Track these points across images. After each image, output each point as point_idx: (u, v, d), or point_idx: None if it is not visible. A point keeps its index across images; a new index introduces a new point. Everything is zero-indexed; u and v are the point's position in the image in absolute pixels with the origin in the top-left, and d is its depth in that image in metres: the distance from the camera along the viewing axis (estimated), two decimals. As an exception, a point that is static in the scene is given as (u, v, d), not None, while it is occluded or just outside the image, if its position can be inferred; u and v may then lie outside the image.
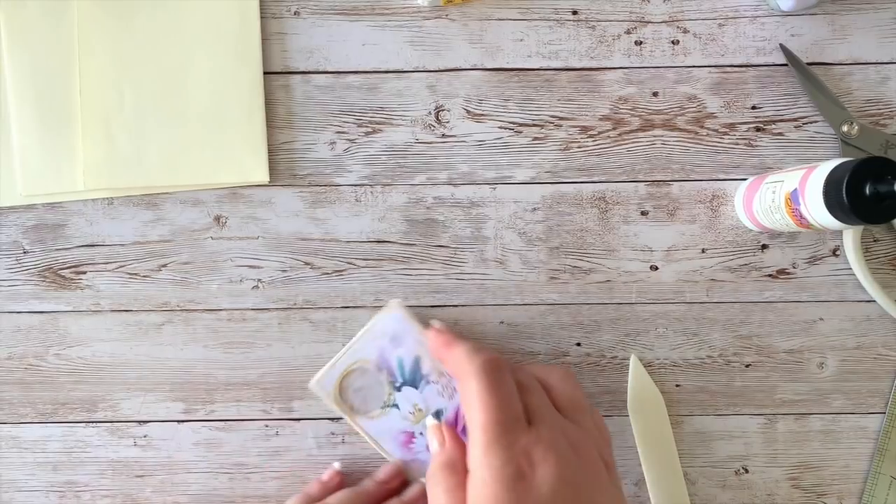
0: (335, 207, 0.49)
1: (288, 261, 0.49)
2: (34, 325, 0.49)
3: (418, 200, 0.49)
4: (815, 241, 0.50)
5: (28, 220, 0.49)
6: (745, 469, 0.50)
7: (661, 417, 0.49)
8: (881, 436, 0.50)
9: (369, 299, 0.49)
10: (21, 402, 0.49)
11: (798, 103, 0.50)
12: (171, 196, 0.49)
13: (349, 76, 0.49)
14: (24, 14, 0.48)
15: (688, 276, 0.50)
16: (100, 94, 0.48)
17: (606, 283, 0.50)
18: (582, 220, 0.50)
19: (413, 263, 0.49)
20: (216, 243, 0.49)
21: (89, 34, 0.48)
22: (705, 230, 0.50)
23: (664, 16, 0.49)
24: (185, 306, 0.49)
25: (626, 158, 0.50)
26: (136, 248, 0.49)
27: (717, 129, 0.50)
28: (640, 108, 0.50)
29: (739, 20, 0.50)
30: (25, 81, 0.48)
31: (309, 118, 0.49)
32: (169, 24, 0.48)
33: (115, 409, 0.49)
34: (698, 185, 0.50)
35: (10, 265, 0.49)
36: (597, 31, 0.49)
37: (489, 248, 0.49)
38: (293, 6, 0.49)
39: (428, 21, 0.49)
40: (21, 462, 0.49)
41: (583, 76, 0.49)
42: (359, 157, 0.49)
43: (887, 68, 0.50)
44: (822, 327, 0.50)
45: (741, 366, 0.50)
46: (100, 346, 0.49)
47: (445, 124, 0.49)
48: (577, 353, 0.50)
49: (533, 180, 0.49)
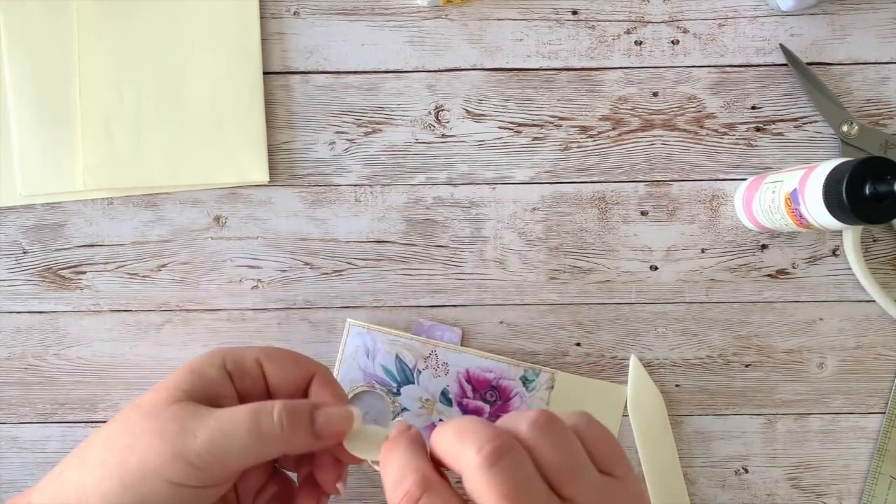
0: (335, 207, 0.49)
1: (287, 261, 0.49)
2: (34, 325, 0.49)
3: (418, 200, 0.49)
4: (814, 241, 0.50)
5: (28, 220, 0.49)
6: (744, 469, 0.50)
7: (661, 417, 0.49)
8: (881, 436, 0.50)
9: (369, 299, 0.49)
10: (21, 402, 0.49)
11: (798, 103, 0.50)
12: (171, 196, 0.49)
13: (349, 76, 0.49)
14: (24, 14, 0.48)
15: (687, 276, 0.50)
16: (100, 93, 0.48)
17: (606, 283, 0.50)
18: (582, 220, 0.50)
19: (413, 263, 0.49)
20: (216, 243, 0.49)
21: (89, 34, 0.48)
22: (705, 230, 0.50)
23: (664, 16, 0.49)
24: (185, 306, 0.49)
25: (626, 158, 0.50)
26: (135, 248, 0.49)
27: (716, 129, 0.50)
28: (639, 108, 0.50)
29: (739, 20, 0.50)
30: (25, 81, 0.48)
31: (309, 118, 0.49)
32: (169, 24, 0.48)
33: (115, 409, 0.49)
34: (698, 185, 0.50)
35: (9, 265, 0.49)
36: (597, 31, 0.49)
37: (489, 248, 0.49)
38: (293, 6, 0.49)
39: (427, 21, 0.49)
40: (21, 462, 0.49)
41: (582, 76, 0.49)
42: (358, 157, 0.49)
43: (887, 68, 0.50)
44: (822, 327, 0.50)
45: (741, 366, 0.50)
46: (100, 346, 0.49)
47: (445, 124, 0.49)
48: (576, 353, 0.50)
49: (532, 180, 0.49)
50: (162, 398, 0.36)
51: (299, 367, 0.40)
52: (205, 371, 0.38)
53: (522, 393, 0.49)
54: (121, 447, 0.35)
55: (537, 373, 0.49)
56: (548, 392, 0.49)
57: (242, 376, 0.38)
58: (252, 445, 0.35)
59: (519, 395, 0.49)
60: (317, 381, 0.40)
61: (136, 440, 0.35)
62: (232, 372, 0.38)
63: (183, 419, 0.35)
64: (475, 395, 0.49)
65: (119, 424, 0.36)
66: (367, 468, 0.49)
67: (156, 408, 0.36)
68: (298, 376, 0.40)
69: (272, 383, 0.39)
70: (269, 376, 0.39)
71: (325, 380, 0.40)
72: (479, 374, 0.49)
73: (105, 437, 0.36)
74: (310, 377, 0.40)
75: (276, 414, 0.35)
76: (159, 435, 0.35)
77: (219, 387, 0.38)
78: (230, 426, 0.35)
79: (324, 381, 0.40)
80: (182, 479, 0.34)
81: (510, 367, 0.49)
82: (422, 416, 0.49)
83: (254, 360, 0.39)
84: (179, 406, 0.36)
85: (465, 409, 0.49)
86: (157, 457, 0.34)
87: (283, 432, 0.35)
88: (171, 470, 0.34)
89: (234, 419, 0.35)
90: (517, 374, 0.49)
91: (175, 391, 0.37)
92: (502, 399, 0.49)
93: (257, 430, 0.35)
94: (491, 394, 0.49)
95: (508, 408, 0.49)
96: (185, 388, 0.37)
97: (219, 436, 0.34)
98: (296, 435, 0.36)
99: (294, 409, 0.36)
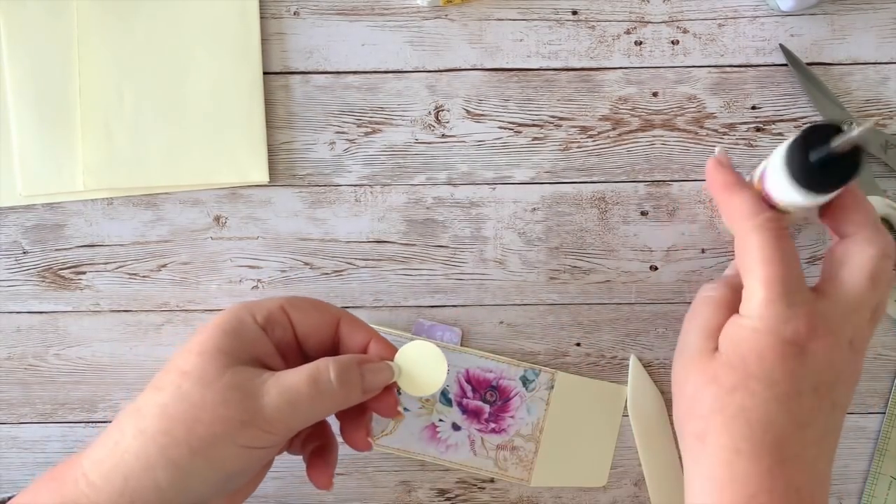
0: (335, 207, 0.49)
1: (287, 261, 0.49)
2: (34, 326, 0.49)
3: (418, 200, 0.49)
4: (814, 241, 0.50)
5: (28, 221, 0.49)
6: (744, 469, 0.50)
7: (661, 417, 0.49)
8: (881, 436, 0.50)
9: (369, 299, 0.49)
10: (21, 402, 0.49)
11: (798, 103, 0.50)
12: (171, 196, 0.49)
13: (349, 76, 0.49)
14: (24, 14, 0.48)
15: (687, 276, 0.50)
16: (100, 94, 0.48)
17: (606, 284, 0.50)
18: (582, 220, 0.50)
19: (413, 263, 0.49)
20: (216, 243, 0.49)
21: (89, 34, 0.48)
22: (705, 230, 0.50)
23: (664, 16, 0.49)
24: (185, 306, 0.49)
25: (626, 158, 0.50)
26: (135, 248, 0.49)
27: (717, 129, 0.50)
28: (639, 108, 0.50)
29: (739, 20, 0.50)
30: (25, 81, 0.48)
31: (308, 118, 0.49)
32: (169, 24, 0.48)
33: (115, 409, 0.49)
34: (698, 185, 0.50)
35: (9, 265, 0.49)
36: (596, 31, 0.49)
37: (489, 248, 0.49)
38: (293, 6, 0.49)
39: (427, 21, 0.49)
40: (21, 462, 0.49)
41: (582, 76, 0.49)
42: (358, 157, 0.49)
43: (887, 68, 0.50)
44: (822, 327, 0.50)
45: (741, 366, 0.50)
46: (99, 347, 0.49)
47: (445, 124, 0.49)
48: (576, 353, 0.50)
49: (532, 180, 0.49)
50: (210, 365, 0.37)
51: (323, 313, 0.41)
52: (241, 331, 0.39)
53: (522, 393, 0.49)
54: (184, 417, 0.36)
55: (537, 373, 0.49)
56: (548, 392, 0.49)
57: (274, 328, 0.40)
58: (314, 407, 0.38)
59: (519, 395, 0.49)
60: (345, 324, 0.42)
61: (201, 410, 0.36)
62: (265, 327, 0.40)
63: (243, 387, 0.37)
64: (475, 395, 0.49)
65: (171, 394, 0.37)
66: (369, 467, 0.49)
67: (208, 375, 0.37)
68: (324, 322, 0.41)
69: (300, 332, 0.41)
70: (297, 325, 0.41)
71: (352, 322, 0.42)
72: (479, 373, 0.49)
73: (161, 408, 0.37)
74: (335, 322, 0.42)
75: (332, 375, 0.38)
76: (223, 404, 0.36)
77: (259, 345, 0.39)
78: (293, 392, 0.37)
79: (351, 323, 0.42)
80: (253, 442, 0.37)
81: (510, 367, 0.49)
82: (422, 417, 0.49)
83: (280, 309, 0.40)
84: (234, 372, 0.37)
85: (464, 409, 0.49)
86: (226, 424, 0.36)
87: (340, 391, 0.38)
88: (242, 436, 0.37)
89: (296, 384, 0.37)
90: (517, 374, 0.49)
91: (219, 354, 0.37)
92: (502, 399, 0.49)
93: (318, 393, 0.38)
94: (491, 394, 0.49)
95: (508, 408, 0.49)
96: (228, 351, 0.38)
97: (284, 402, 0.37)
98: (350, 393, 0.39)
99: (346, 368, 0.39)
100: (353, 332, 0.42)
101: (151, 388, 0.38)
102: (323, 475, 0.42)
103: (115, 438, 0.37)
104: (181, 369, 0.37)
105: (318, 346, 0.42)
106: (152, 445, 0.36)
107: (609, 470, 0.49)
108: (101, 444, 0.37)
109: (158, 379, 0.38)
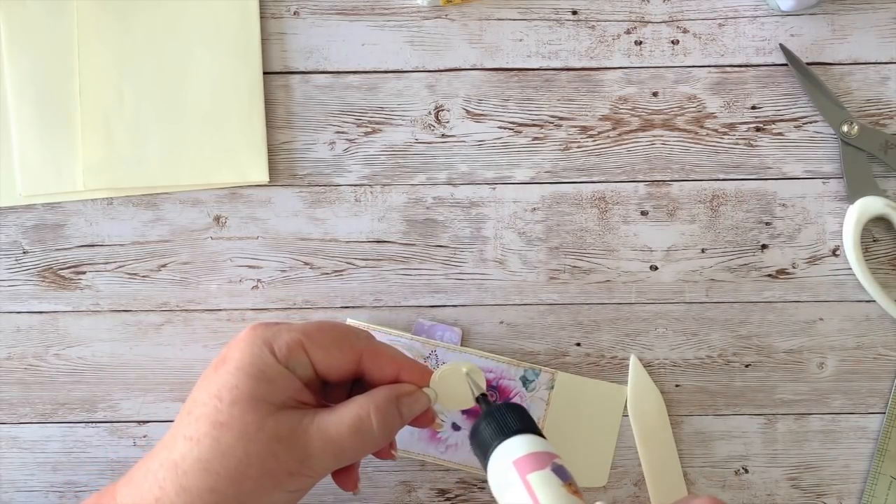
0: (335, 207, 0.49)
1: (287, 261, 0.49)
2: (34, 325, 0.49)
3: (418, 200, 0.49)
4: (814, 241, 0.50)
5: (28, 220, 0.49)
6: (744, 469, 0.50)
7: (661, 417, 0.49)
8: (881, 436, 0.50)
9: (369, 299, 0.49)
10: (21, 402, 0.49)
11: (798, 103, 0.50)
12: (171, 196, 0.49)
13: (349, 76, 0.49)
14: (24, 14, 0.48)
15: (687, 276, 0.50)
16: (100, 94, 0.48)
17: (606, 283, 0.50)
18: (582, 220, 0.50)
19: (413, 263, 0.49)
20: (216, 243, 0.49)
21: (89, 34, 0.48)
22: (705, 230, 0.50)
23: (664, 16, 0.49)
24: (185, 306, 0.49)
25: (626, 158, 0.50)
26: (135, 248, 0.49)
27: (716, 129, 0.50)
28: (639, 108, 0.50)
29: (739, 20, 0.50)
30: (25, 81, 0.48)
31: (308, 118, 0.49)
32: (169, 24, 0.48)
33: (114, 409, 0.49)
34: (698, 185, 0.50)
35: (9, 265, 0.49)
36: (596, 31, 0.49)
37: (489, 248, 0.49)
38: (293, 6, 0.49)
39: (427, 21, 0.49)
40: (21, 462, 0.49)
41: (582, 76, 0.49)
42: (358, 157, 0.49)
43: (887, 68, 0.50)
44: (822, 327, 0.50)
45: (741, 366, 0.50)
46: (99, 346, 0.49)
47: (445, 124, 0.49)
48: (576, 353, 0.50)
49: (533, 180, 0.49)
50: (248, 415, 0.37)
51: (344, 352, 0.40)
52: (268, 373, 0.38)
53: (522, 393, 0.49)
54: (230, 474, 0.37)
55: (537, 373, 0.49)
56: (548, 392, 0.49)
57: (295, 367, 0.39)
58: (358, 454, 0.40)
59: (519, 396, 0.49)
60: (369, 358, 0.41)
61: (247, 466, 0.37)
62: (286, 364, 0.39)
63: (288, 439, 0.38)
64: None
65: (210, 448, 0.37)
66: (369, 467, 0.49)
67: (249, 427, 0.37)
68: (345, 360, 0.41)
69: (320, 370, 0.40)
70: (317, 364, 0.40)
71: (377, 355, 0.41)
72: None
73: (203, 464, 0.37)
74: (357, 358, 0.41)
75: (374, 423, 0.39)
76: (271, 458, 0.37)
77: (288, 384, 0.39)
78: (337, 444, 0.38)
79: (377, 356, 0.41)
80: (299, 487, 0.39)
81: (510, 367, 0.49)
82: None
83: (299, 346, 0.39)
84: (275, 422, 0.37)
85: (465, 409, 0.49)
86: (274, 478, 0.37)
87: (382, 437, 0.40)
88: (290, 484, 0.38)
89: (340, 436, 0.38)
90: (517, 374, 0.49)
91: (254, 403, 0.37)
92: (502, 399, 0.49)
93: (361, 443, 0.39)
94: (491, 394, 0.49)
95: None
96: (262, 398, 0.38)
97: (329, 454, 0.38)
98: (391, 434, 0.40)
99: (386, 413, 0.39)
100: (381, 365, 0.41)
101: (185, 440, 0.37)
102: (349, 480, 0.42)
103: (155, 495, 0.37)
104: (215, 420, 0.37)
105: (340, 378, 0.41)
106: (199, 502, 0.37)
107: (609, 470, 0.49)
108: (140, 500, 0.37)
109: (188, 426, 0.38)
